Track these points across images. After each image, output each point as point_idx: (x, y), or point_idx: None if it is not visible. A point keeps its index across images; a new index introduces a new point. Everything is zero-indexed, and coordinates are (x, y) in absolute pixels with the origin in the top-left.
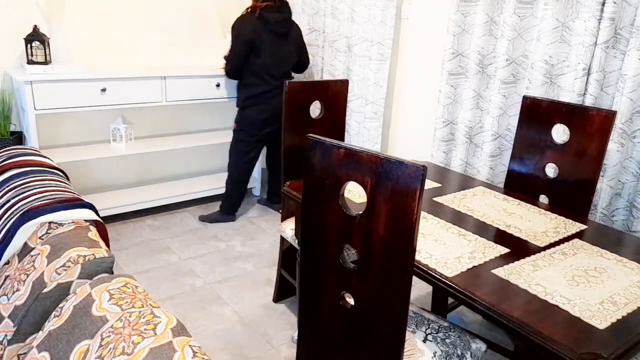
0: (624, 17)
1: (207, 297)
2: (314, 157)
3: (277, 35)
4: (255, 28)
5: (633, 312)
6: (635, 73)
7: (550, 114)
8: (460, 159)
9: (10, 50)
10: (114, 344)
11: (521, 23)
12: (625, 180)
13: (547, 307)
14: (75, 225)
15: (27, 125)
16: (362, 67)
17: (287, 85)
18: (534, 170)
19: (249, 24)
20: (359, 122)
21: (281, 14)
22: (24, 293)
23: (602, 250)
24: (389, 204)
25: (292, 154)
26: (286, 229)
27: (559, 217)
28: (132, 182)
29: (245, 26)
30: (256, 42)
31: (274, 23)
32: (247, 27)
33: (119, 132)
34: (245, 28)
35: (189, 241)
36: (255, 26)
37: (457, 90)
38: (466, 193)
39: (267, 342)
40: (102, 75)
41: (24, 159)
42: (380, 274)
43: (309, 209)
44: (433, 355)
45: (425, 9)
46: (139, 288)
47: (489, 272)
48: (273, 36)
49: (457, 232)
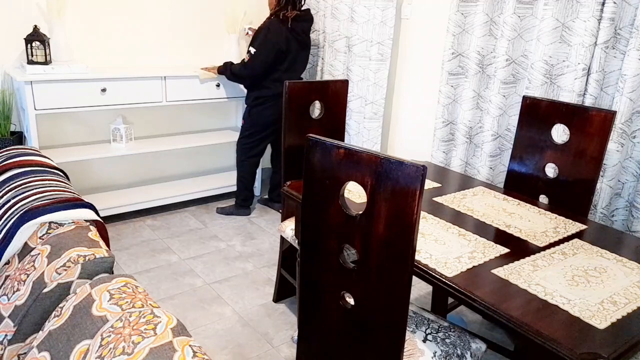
0: (623, 17)
1: (207, 297)
2: (314, 157)
3: (299, 43)
4: (287, 37)
5: (633, 312)
6: (635, 73)
7: (550, 114)
8: (460, 159)
9: (11, 50)
10: (114, 344)
11: (521, 23)
12: (625, 180)
13: (547, 307)
14: (76, 225)
15: (27, 125)
16: (362, 67)
17: (287, 85)
18: (533, 170)
19: (281, 34)
20: (358, 122)
21: (307, 24)
22: (24, 293)
23: (602, 250)
24: (389, 204)
25: (292, 154)
26: (286, 229)
27: (558, 217)
28: (132, 182)
29: (277, 34)
30: (285, 52)
31: (301, 34)
32: (280, 36)
33: (119, 132)
34: (279, 37)
35: (189, 241)
36: (287, 35)
37: (457, 90)
38: (466, 193)
39: (267, 342)
40: (102, 75)
41: (24, 159)
42: (380, 274)
43: (309, 209)
44: (433, 355)
45: (425, 9)
46: (139, 288)
47: (488, 272)
48: (297, 45)
49: (457, 232)
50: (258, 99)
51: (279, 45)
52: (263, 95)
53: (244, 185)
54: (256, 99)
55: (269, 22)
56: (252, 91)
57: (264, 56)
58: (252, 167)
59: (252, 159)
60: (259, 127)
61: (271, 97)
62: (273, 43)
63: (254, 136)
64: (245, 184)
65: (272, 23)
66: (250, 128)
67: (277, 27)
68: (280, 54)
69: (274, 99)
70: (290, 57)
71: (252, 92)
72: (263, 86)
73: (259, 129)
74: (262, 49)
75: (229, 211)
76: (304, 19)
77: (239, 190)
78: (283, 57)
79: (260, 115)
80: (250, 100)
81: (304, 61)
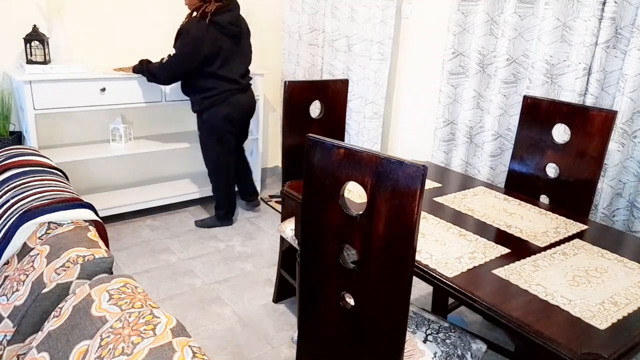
0: (624, 17)
1: (207, 297)
2: (314, 157)
3: (231, 37)
4: (211, 38)
5: (634, 313)
6: (635, 73)
7: (551, 114)
8: (460, 158)
9: (10, 50)
10: (114, 345)
11: (522, 22)
12: (626, 180)
13: (548, 308)
14: (75, 225)
15: (26, 125)
16: (362, 66)
17: (287, 85)
18: (534, 170)
19: (203, 34)
20: (358, 122)
21: (231, 13)
22: (23, 293)
23: (602, 250)
24: (389, 204)
25: (292, 154)
26: (286, 229)
27: (559, 217)
28: (132, 182)
29: (199, 38)
30: (214, 52)
31: (228, 26)
32: (203, 40)
33: (119, 132)
34: (201, 41)
35: (189, 241)
36: (210, 36)
37: (458, 89)
38: (466, 193)
39: (267, 342)
40: (101, 75)
41: (23, 159)
42: (380, 274)
43: (309, 209)
44: (433, 355)
45: (425, 9)
46: (139, 288)
47: (489, 273)
48: (228, 39)
49: (458, 232)
50: (205, 101)
51: (202, 48)
52: (210, 96)
53: (222, 194)
54: (203, 100)
55: (191, 21)
56: (195, 95)
57: (182, 59)
58: (227, 170)
59: (225, 164)
60: (217, 130)
61: (219, 96)
62: (194, 46)
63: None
64: (225, 192)
65: (193, 23)
66: (208, 136)
67: (198, 27)
68: (208, 55)
69: (222, 97)
70: (223, 54)
71: (196, 96)
72: (206, 87)
73: (218, 132)
74: (182, 52)
75: (210, 224)
76: (228, 9)
77: (219, 202)
78: (213, 57)
79: (213, 117)
80: (197, 106)
81: (245, 51)
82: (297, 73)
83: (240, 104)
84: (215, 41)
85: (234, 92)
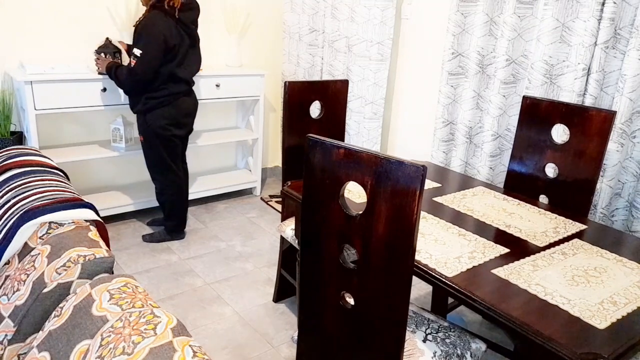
0: (623, 17)
1: (207, 297)
2: (314, 157)
3: (190, 37)
4: (177, 33)
5: (633, 312)
6: (635, 73)
7: (550, 114)
8: (460, 159)
9: (10, 50)
10: (114, 344)
11: (521, 23)
12: (625, 180)
13: (547, 307)
14: (76, 225)
15: (27, 125)
16: (362, 67)
17: (287, 85)
18: (533, 170)
19: (169, 27)
20: (358, 122)
21: (194, 12)
22: (24, 293)
23: (602, 250)
24: (389, 204)
25: (292, 154)
26: (286, 229)
27: (558, 217)
28: (132, 182)
29: (164, 28)
30: (176, 46)
31: (190, 25)
32: (169, 32)
33: (119, 132)
34: (166, 30)
35: (189, 241)
36: (176, 30)
37: (457, 90)
38: (466, 193)
39: (267, 342)
40: (102, 75)
41: (24, 159)
42: (380, 273)
43: (309, 209)
44: (433, 355)
45: (425, 9)
46: (139, 288)
47: (488, 272)
48: (188, 38)
49: (457, 232)
50: (151, 101)
51: (168, 40)
52: (157, 97)
53: (173, 205)
54: (149, 100)
55: (151, 15)
56: (140, 95)
57: (152, 56)
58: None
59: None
60: (162, 133)
61: (167, 97)
62: (161, 39)
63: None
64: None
65: (155, 16)
66: (153, 141)
67: (162, 20)
68: (170, 49)
69: (170, 99)
70: (182, 52)
71: (141, 96)
72: (154, 87)
73: (164, 136)
74: (149, 48)
75: (159, 238)
76: (190, 7)
77: (170, 212)
78: (174, 53)
79: (158, 119)
80: (141, 105)
81: (197, 58)
82: (297, 73)
83: (187, 107)
84: (179, 35)
85: (181, 95)
